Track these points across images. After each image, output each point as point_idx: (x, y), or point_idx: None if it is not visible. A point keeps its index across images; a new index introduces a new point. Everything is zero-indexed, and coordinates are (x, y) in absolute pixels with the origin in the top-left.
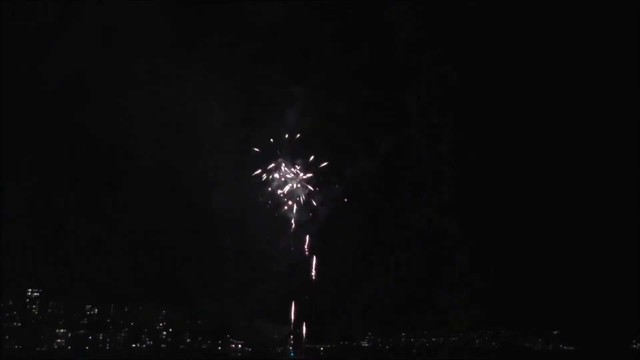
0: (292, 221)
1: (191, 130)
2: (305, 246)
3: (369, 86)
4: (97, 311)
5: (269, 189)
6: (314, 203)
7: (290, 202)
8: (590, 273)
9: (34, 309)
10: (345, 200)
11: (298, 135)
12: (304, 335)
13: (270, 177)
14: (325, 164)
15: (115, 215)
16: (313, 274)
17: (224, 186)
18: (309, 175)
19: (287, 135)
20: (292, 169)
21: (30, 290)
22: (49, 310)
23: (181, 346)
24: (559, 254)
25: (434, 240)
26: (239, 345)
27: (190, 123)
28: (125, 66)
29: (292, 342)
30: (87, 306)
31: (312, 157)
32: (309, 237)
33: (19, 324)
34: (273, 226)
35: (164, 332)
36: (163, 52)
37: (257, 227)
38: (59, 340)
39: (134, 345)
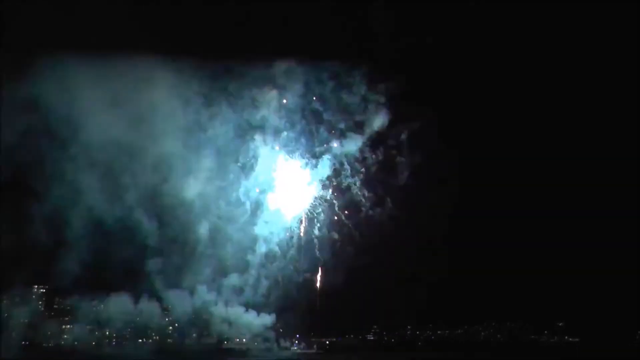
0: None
1: (163, 114)
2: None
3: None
4: (103, 307)
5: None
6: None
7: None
8: (595, 264)
9: (40, 305)
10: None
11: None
12: (308, 329)
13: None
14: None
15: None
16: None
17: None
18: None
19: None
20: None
21: (36, 286)
22: (55, 307)
23: (187, 341)
24: (564, 245)
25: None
26: (244, 340)
27: (162, 106)
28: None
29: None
30: (93, 302)
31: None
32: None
33: (25, 321)
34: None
35: (170, 328)
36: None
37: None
38: (65, 336)
39: (140, 340)
